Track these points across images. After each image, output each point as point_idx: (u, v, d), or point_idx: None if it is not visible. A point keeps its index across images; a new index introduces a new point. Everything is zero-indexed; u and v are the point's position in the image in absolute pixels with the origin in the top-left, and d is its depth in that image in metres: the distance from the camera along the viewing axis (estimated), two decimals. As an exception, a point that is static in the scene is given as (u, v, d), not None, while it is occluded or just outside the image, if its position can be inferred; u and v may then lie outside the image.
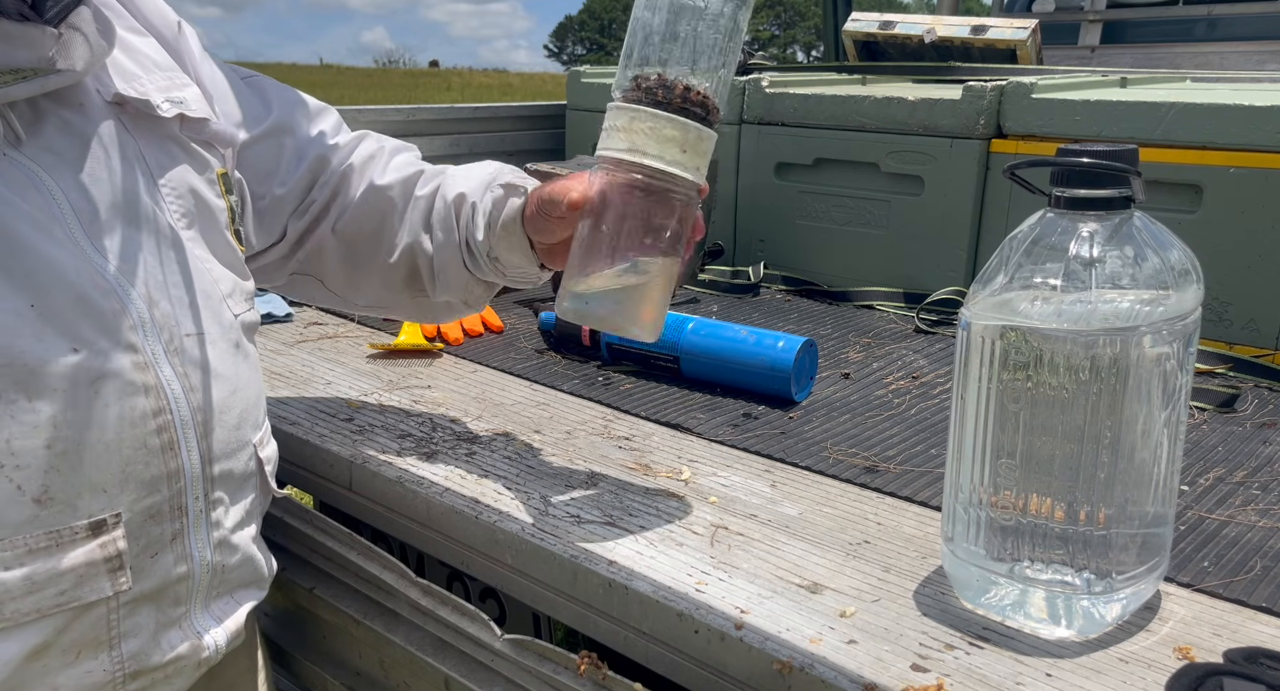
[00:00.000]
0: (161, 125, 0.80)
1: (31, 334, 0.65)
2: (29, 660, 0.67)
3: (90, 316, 0.68)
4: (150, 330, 0.72)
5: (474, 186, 0.96)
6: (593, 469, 0.97)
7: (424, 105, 1.97)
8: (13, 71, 0.68)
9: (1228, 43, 2.84)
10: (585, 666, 0.78)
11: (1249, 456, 1.01)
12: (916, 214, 1.58)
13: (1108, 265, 0.66)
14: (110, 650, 0.71)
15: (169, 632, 0.75)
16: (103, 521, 0.69)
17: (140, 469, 0.71)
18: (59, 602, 0.68)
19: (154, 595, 0.73)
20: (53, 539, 0.67)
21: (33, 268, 0.66)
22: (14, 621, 0.66)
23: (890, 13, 2.56)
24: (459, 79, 32.20)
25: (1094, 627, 0.70)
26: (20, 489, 0.65)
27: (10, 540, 0.65)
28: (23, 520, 0.66)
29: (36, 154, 0.70)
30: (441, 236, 0.97)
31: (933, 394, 1.19)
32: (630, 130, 0.77)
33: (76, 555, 0.68)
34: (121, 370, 0.70)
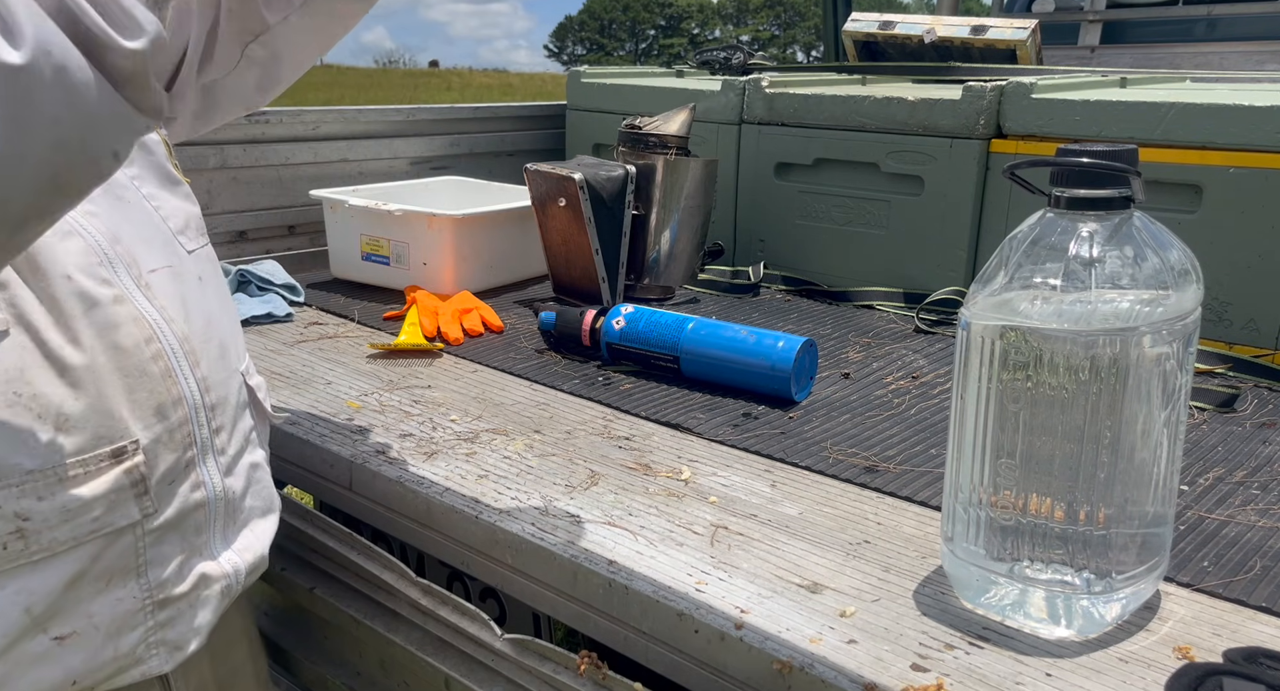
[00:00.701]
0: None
1: (29, 268, 0.67)
2: (67, 589, 0.69)
3: (70, 253, 0.70)
4: (118, 265, 0.74)
5: None
6: (593, 469, 0.97)
7: (424, 105, 1.97)
8: None
9: (1228, 43, 2.84)
10: (585, 666, 0.78)
11: (1249, 456, 1.01)
12: (916, 214, 1.58)
13: (1107, 265, 0.66)
14: (139, 577, 0.74)
15: (191, 561, 0.77)
16: (123, 448, 0.71)
17: (145, 396, 0.73)
18: (93, 529, 0.70)
19: (176, 524, 0.76)
20: (81, 466, 0.69)
21: None
22: (51, 550, 0.68)
23: (890, 13, 2.56)
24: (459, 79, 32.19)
25: (1094, 627, 0.70)
26: (39, 418, 0.68)
27: (41, 470, 0.67)
28: (49, 450, 0.68)
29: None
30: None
31: (933, 394, 1.19)
32: None
33: (104, 480, 0.70)
34: (104, 301, 0.71)
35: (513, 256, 1.65)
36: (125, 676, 0.74)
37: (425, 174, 1.95)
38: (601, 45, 62.86)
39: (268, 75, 0.94)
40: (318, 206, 1.67)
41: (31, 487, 0.67)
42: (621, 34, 64.36)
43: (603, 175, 1.47)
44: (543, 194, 1.52)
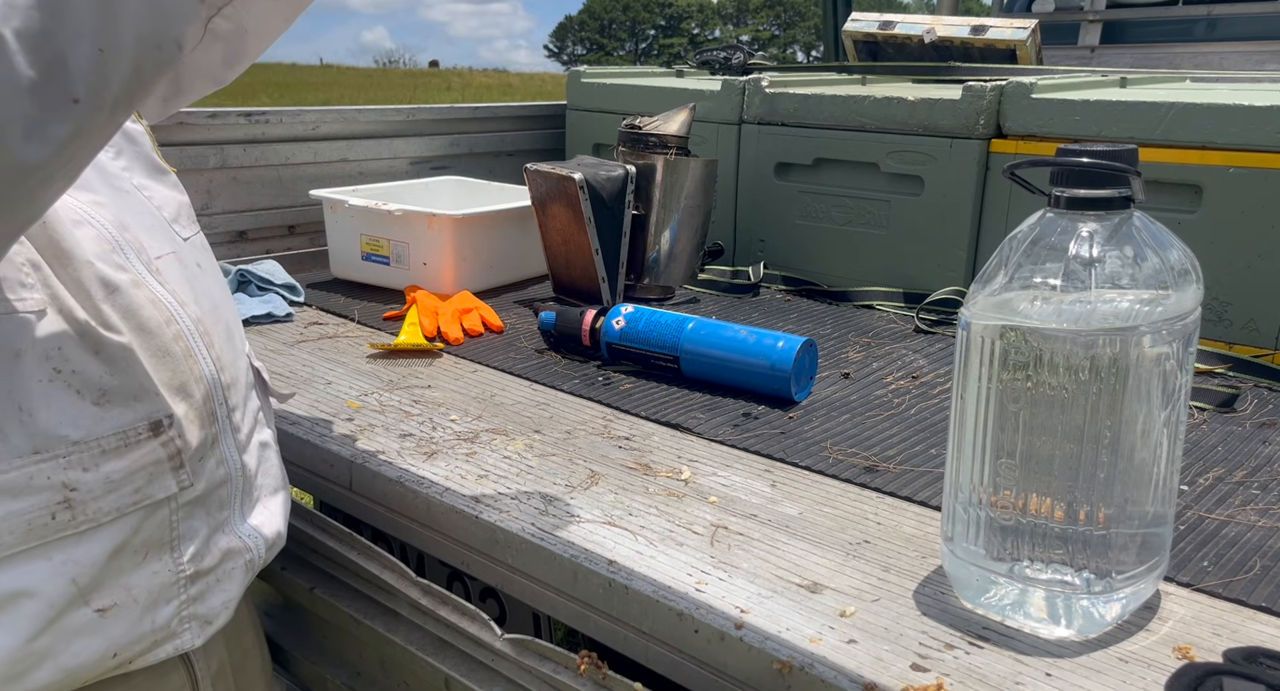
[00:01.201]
0: None
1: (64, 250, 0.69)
2: (109, 560, 0.71)
3: (76, 243, 0.71)
4: (129, 252, 0.75)
5: None
6: (593, 469, 0.97)
7: (424, 105, 1.97)
8: None
9: (1228, 43, 2.84)
10: (585, 666, 0.78)
11: (1249, 456, 1.01)
12: (916, 214, 1.58)
13: (1107, 265, 0.66)
14: (171, 551, 0.75)
15: (217, 536, 0.79)
16: (160, 422, 0.74)
17: (170, 375, 0.75)
18: (135, 500, 0.72)
19: (204, 499, 0.78)
20: (121, 439, 0.71)
21: None
22: (96, 521, 0.70)
23: (890, 13, 2.56)
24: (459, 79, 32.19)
25: (1093, 627, 0.70)
26: (79, 393, 0.69)
27: (84, 442, 0.69)
28: (91, 422, 0.70)
29: None
30: None
31: (933, 394, 1.19)
32: None
33: (144, 452, 0.72)
34: (124, 285, 0.73)
35: (513, 256, 1.65)
36: (160, 650, 0.76)
37: (425, 174, 1.95)
38: (601, 45, 62.86)
39: (232, 50, 0.94)
40: (318, 206, 1.67)
41: (78, 458, 0.69)
42: (621, 34, 64.35)
43: (603, 175, 1.47)
44: (543, 194, 1.52)
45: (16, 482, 0.66)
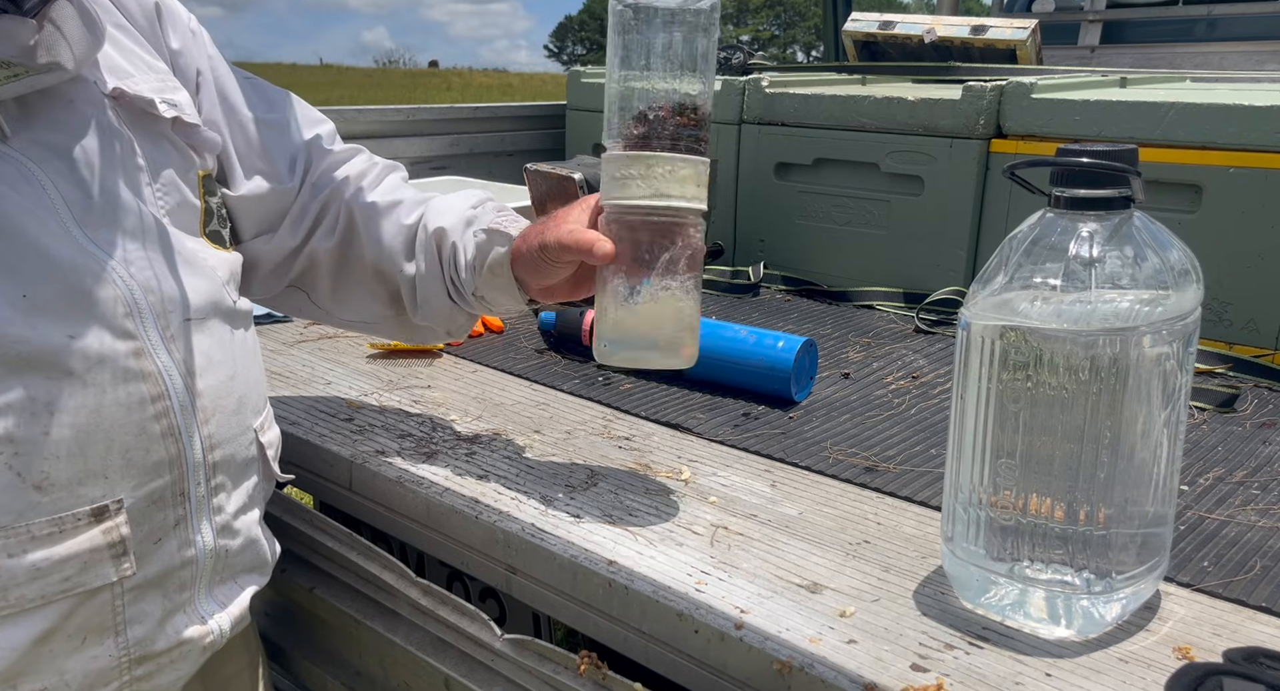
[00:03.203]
0: (156, 123, 0.81)
1: (24, 322, 0.66)
2: (35, 646, 0.68)
3: (84, 304, 0.69)
4: (146, 317, 0.73)
5: (453, 221, 0.97)
6: (593, 469, 0.97)
7: (424, 105, 1.97)
8: (4, 66, 0.68)
9: (1228, 43, 2.84)
10: (585, 666, 0.78)
11: (1249, 456, 1.01)
12: (916, 214, 1.58)
13: (1107, 265, 0.66)
14: (116, 636, 0.72)
15: (174, 618, 0.76)
16: (105, 507, 0.70)
17: (140, 455, 0.72)
18: (64, 588, 0.69)
19: (159, 581, 0.74)
20: (55, 526, 0.68)
21: (25, 257, 0.67)
22: (19, 607, 0.67)
23: (890, 13, 2.56)
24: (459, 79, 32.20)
25: (1094, 627, 0.70)
26: (20, 476, 0.66)
27: (12, 527, 0.66)
28: (24, 507, 0.66)
29: (25, 147, 0.70)
30: (424, 267, 0.97)
31: (933, 394, 1.19)
32: (649, 177, 0.81)
33: (80, 541, 0.69)
34: (117, 356, 0.70)
35: (513, 256, 1.64)
36: None
37: (425, 174, 1.95)
38: (601, 45, 62.80)
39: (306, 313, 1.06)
40: (318, 206, 1.67)
41: (3, 545, 0.66)
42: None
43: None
44: (543, 194, 1.52)
45: None
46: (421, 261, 0.97)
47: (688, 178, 0.82)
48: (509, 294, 0.94)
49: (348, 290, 1.02)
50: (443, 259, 0.96)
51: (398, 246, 0.98)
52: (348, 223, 0.99)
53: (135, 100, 0.79)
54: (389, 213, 0.99)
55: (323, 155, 1.01)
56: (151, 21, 0.87)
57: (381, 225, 0.99)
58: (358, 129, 1.86)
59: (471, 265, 0.94)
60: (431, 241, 0.97)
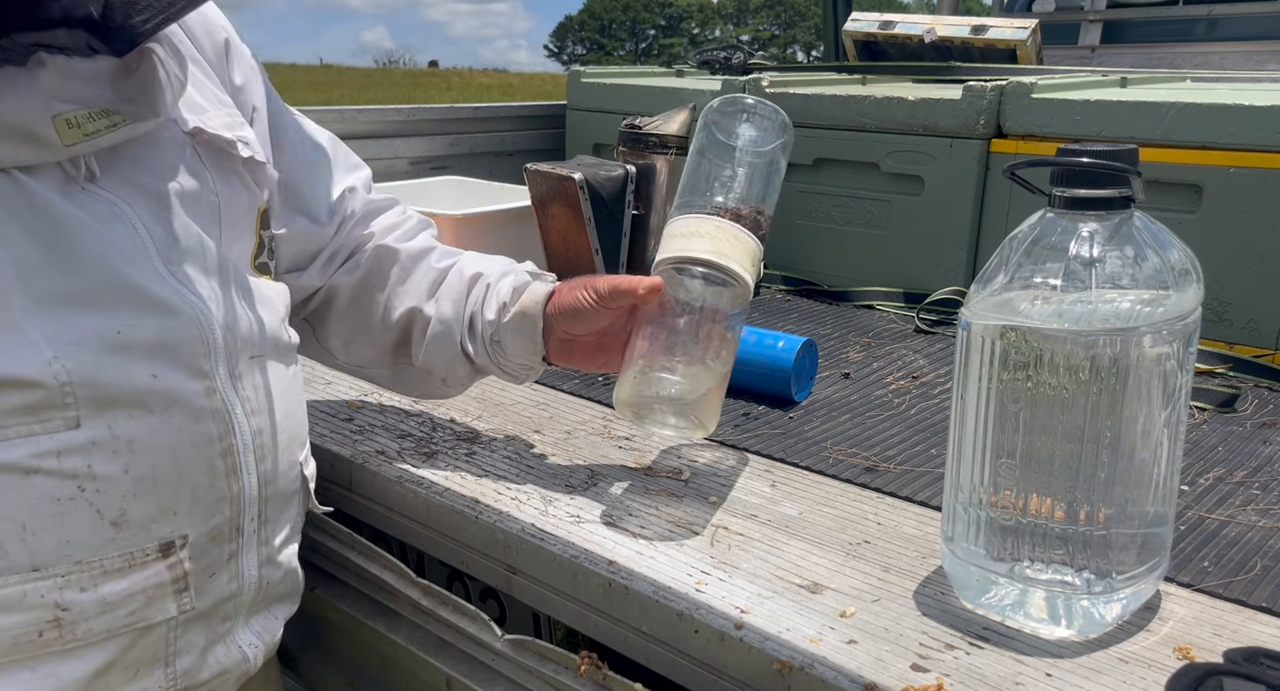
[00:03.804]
0: (230, 160, 0.82)
1: (114, 362, 0.67)
2: (94, 678, 0.69)
3: (170, 344, 0.70)
4: (220, 356, 0.73)
5: (493, 269, 0.98)
6: (593, 469, 0.97)
7: (424, 105, 1.97)
8: (104, 115, 0.68)
9: (1228, 43, 2.84)
10: (585, 666, 0.78)
11: (1249, 456, 1.01)
12: (916, 214, 1.57)
13: (1108, 265, 0.66)
14: (165, 667, 0.73)
15: (215, 648, 0.77)
16: (171, 543, 0.71)
17: (206, 492, 0.73)
18: (128, 623, 0.70)
19: (207, 613, 0.75)
20: (126, 561, 0.69)
21: (119, 295, 0.68)
22: (85, 641, 0.68)
23: (890, 13, 2.56)
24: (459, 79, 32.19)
25: (1094, 627, 0.70)
26: (100, 513, 0.67)
27: (87, 562, 0.67)
28: (100, 543, 0.67)
29: (113, 186, 0.70)
30: (446, 307, 0.97)
31: (933, 394, 1.19)
32: (716, 237, 0.85)
33: (146, 576, 0.70)
34: (193, 396, 0.71)
35: (513, 256, 1.64)
36: None
37: (425, 174, 1.95)
38: (601, 45, 62.85)
39: None
40: (318, 206, 1.67)
41: (76, 578, 0.67)
42: (621, 34, 64.36)
43: (603, 175, 1.47)
44: (543, 194, 1.52)
45: (9, 599, 0.64)
46: (445, 302, 0.97)
47: (748, 251, 0.86)
48: (530, 339, 0.93)
49: (354, 330, 1.02)
50: (470, 298, 0.96)
51: (421, 285, 0.98)
52: (373, 264, 1.00)
53: (214, 139, 0.79)
54: (419, 257, 1.00)
55: (361, 203, 1.03)
56: (220, 56, 0.87)
57: (409, 267, 0.99)
58: (358, 129, 1.86)
59: (502, 304, 0.94)
60: (464, 284, 0.97)
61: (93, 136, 0.68)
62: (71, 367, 0.65)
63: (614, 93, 1.98)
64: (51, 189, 0.67)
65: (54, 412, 0.65)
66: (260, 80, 0.93)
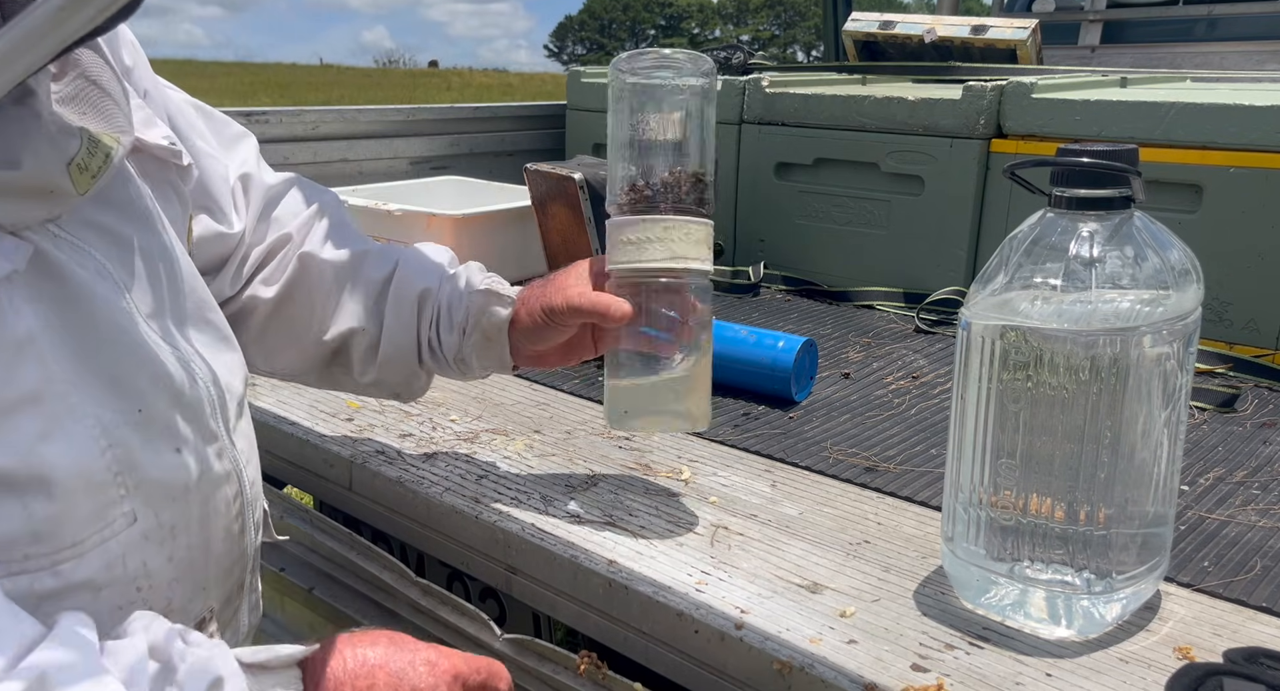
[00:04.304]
0: (164, 170, 0.71)
1: (143, 442, 0.60)
2: None
3: (183, 410, 0.63)
4: (218, 410, 0.66)
5: (436, 282, 0.89)
6: (593, 469, 0.97)
7: (424, 105, 1.97)
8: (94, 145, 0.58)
9: (1228, 43, 2.84)
10: (585, 666, 0.78)
11: (1249, 456, 1.01)
12: (916, 214, 1.57)
13: (1108, 265, 0.66)
14: None
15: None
16: (203, 619, 0.66)
17: (227, 559, 0.68)
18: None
19: None
20: None
21: (134, 367, 0.60)
22: None
23: (890, 13, 2.56)
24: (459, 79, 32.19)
25: (1094, 627, 0.70)
26: (150, 608, 0.60)
27: None
28: None
29: (79, 231, 0.59)
30: (394, 329, 0.89)
31: (933, 394, 1.19)
32: (665, 240, 0.82)
33: None
34: (211, 462, 0.65)
35: (512, 256, 1.64)
36: None
37: (425, 174, 1.95)
38: (601, 45, 62.84)
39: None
40: (318, 206, 1.67)
41: None
42: (621, 34, 64.36)
43: (603, 175, 1.47)
44: (543, 194, 1.52)
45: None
46: (391, 319, 0.89)
47: (701, 240, 0.83)
48: (498, 358, 0.88)
49: (277, 342, 0.92)
50: (421, 320, 0.89)
51: (360, 303, 0.89)
52: (296, 275, 0.89)
53: (155, 150, 0.68)
54: (352, 267, 0.89)
55: (260, 189, 0.90)
56: (109, 41, 0.71)
57: (341, 282, 0.89)
58: (358, 129, 1.86)
59: (461, 326, 0.88)
60: (410, 301, 0.89)
61: (98, 177, 0.58)
62: (120, 454, 0.57)
63: (614, 93, 1.98)
64: (47, 242, 0.57)
65: (114, 512, 0.57)
66: (143, 56, 0.77)
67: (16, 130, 0.54)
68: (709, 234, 0.84)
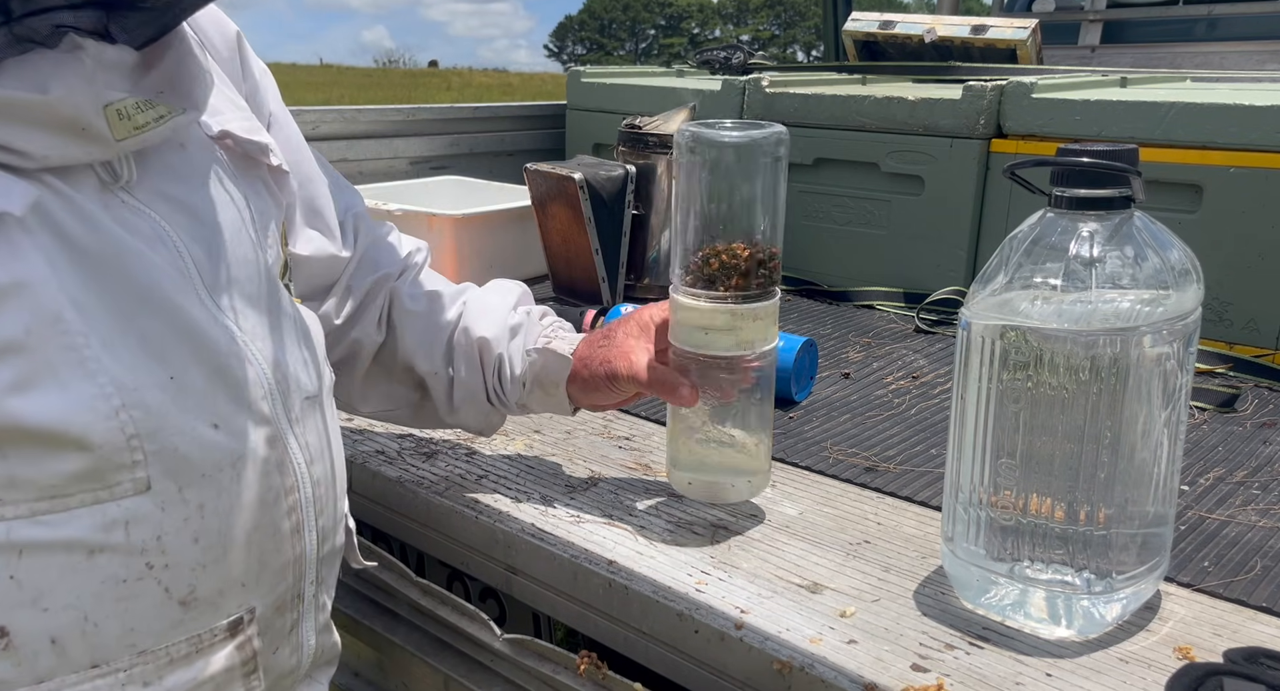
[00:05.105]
0: (256, 167, 0.72)
1: (177, 412, 0.57)
2: None
3: (226, 387, 0.61)
4: (276, 397, 0.64)
5: (497, 331, 0.91)
6: (593, 469, 0.97)
7: (424, 105, 1.97)
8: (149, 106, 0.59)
9: (1228, 43, 2.84)
10: (585, 666, 0.78)
11: (1249, 456, 1.01)
12: (916, 214, 1.57)
13: (1108, 265, 0.66)
14: None
15: None
16: (239, 620, 0.62)
17: (273, 556, 0.64)
18: None
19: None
20: (193, 645, 0.60)
21: (171, 333, 0.59)
22: None
23: (890, 13, 2.56)
24: (459, 79, 32.17)
25: (1094, 627, 0.70)
26: (168, 591, 0.58)
27: (151, 652, 0.58)
28: (167, 627, 0.58)
29: (150, 200, 0.60)
30: (465, 375, 0.91)
31: (933, 394, 1.19)
32: (734, 330, 0.81)
33: (216, 661, 0.61)
34: (258, 446, 0.62)
35: (512, 256, 1.65)
36: None
37: (425, 174, 1.95)
38: (601, 45, 62.85)
39: None
40: (318, 206, 1.67)
41: (140, 671, 0.57)
42: (621, 34, 64.36)
43: (603, 175, 1.47)
44: (543, 194, 1.52)
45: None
46: (462, 367, 0.91)
47: (769, 322, 0.83)
48: (558, 407, 0.91)
49: (376, 383, 0.95)
50: (485, 369, 0.91)
51: (436, 347, 0.92)
52: (392, 315, 0.93)
53: (244, 144, 0.70)
54: (429, 312, 0.92)
55: (369, 229, 0.94)
56: (233, 51, 0.78)
57: (422, 325, 0.92)
58: (358, 129, 1.86)
59: (520, 380, 0.90)
60: (474, 350, 0.91)
61: (143, 130, 0.58)
62: (139, 417, 0.55)
63: (614, 93, 1.98)
64: (91, 199, 0.57)
65: (122, 474, 0.55)
66: (272, 82, 0.84)
67: (50, 64, 0.54)
68: (776, 311, 0.84)
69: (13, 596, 0.52)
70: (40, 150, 0.54)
